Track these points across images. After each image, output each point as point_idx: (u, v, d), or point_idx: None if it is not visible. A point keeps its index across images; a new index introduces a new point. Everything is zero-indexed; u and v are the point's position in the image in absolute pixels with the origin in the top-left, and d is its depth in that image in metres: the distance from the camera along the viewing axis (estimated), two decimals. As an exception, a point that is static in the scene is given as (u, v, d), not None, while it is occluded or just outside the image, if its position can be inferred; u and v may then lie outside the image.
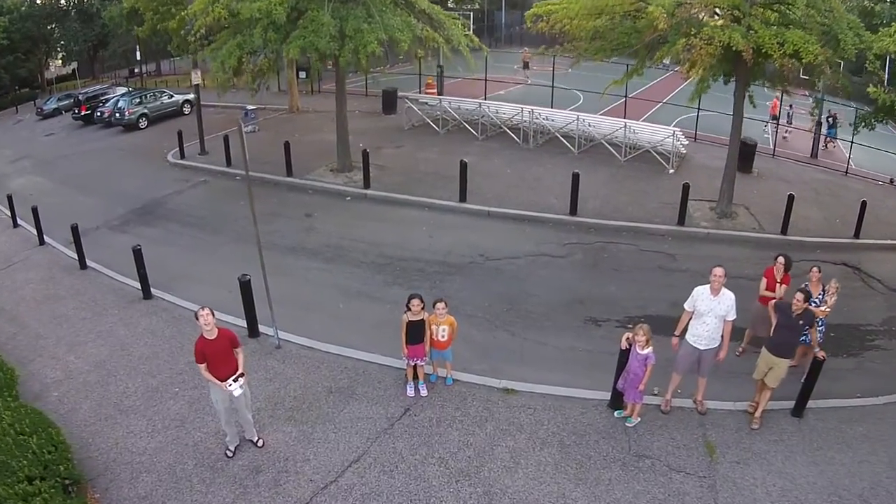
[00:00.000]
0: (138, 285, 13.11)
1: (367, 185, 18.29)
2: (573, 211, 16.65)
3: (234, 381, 8.02)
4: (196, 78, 22.00)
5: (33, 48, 44.47)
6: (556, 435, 8.85)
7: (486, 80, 27.65)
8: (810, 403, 9.16)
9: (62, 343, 11.56)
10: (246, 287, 10.95)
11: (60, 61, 50.59)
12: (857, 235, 16.26)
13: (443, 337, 9.45)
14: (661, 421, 9.09)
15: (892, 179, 21.73)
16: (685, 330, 8.89)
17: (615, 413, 9.24)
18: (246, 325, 11.27)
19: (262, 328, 11.31)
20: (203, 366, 7.93)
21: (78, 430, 9.05)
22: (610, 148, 21.24)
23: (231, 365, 8.08)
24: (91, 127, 31.01)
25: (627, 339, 8.80)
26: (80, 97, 32.76)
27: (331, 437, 8.76)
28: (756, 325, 10.40)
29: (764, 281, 10.33)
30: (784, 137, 25.93)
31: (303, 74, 28.99)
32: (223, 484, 7.99)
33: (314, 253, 14.90)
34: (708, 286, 8.51)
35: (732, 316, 8.47)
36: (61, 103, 35.98)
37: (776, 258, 10.31)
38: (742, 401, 9.37)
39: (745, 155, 19.34)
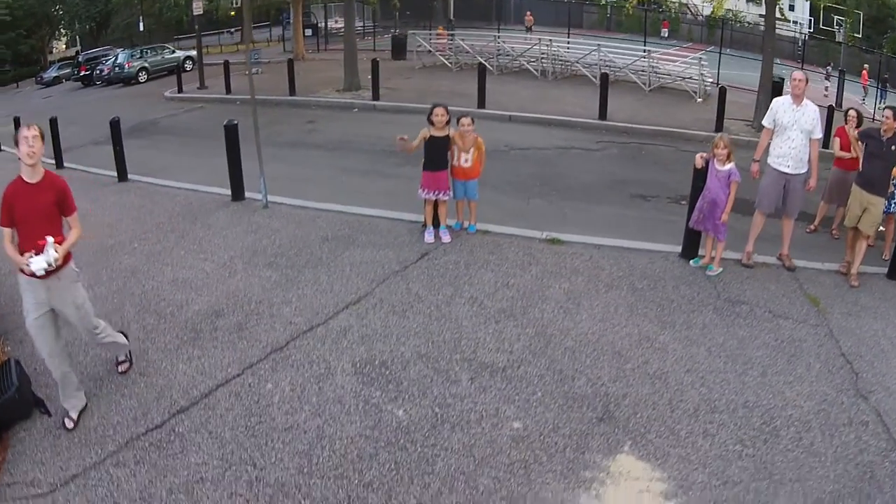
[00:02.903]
0: (114, 173, 10.85)
1: (376, 97, 15.96)
2: (602, 116, 14.35)
3: (42, 254, 4.17)
4: (198, 8, 19.92)
5: (36, 27, 42.33)
6: (623, 279, 6.46)
7: (498, 31, 25.41)
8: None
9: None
10: (232, 134, 8.61)
11: (64, 45, 48.43)
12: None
13: (467, 162, 7.12)
14: (746, 273, 6.84)
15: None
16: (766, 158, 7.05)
17: (691, 262, 6.96)
18: (230, 188, 8.91)
19: (248, 194, 8.93)
20: (8, 233, 4.27)
21: (14, 290, 6.72)
22: (634, 77, 18.95)
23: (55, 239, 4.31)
24: (91, 88, 28.76)
25: (703, 156, 6.79)
26: (80, 59, 30.69)
27: (322, 279, 6.37)
28: (832, 194, 8.55)
29: (837, 140, 8.54)
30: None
31: (309, 32, 26.90)
32: (167, 330, 5.64)
33: (317, 146, 12.65)
34: (787, 96, 6.91)
35: (819, 133, 6.88)
36: (62, 72, 33.73)
37: (846, 112, 8.77)
38: (831, 262, 7.24)
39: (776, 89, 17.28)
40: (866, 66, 24.17)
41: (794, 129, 6.71)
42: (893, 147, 6.71)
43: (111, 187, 10.49)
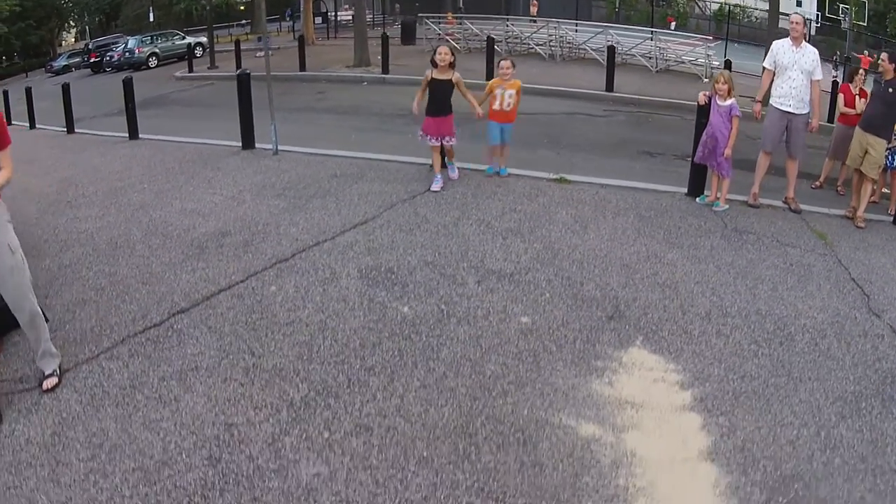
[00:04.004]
0: (126, 133, 10.69)
1: (385, 71, 15.74)
2: (609, 88, 14.06)
3: None
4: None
5: (45, 18, 42.15)
6: (629, 210, 6.26)
7: (506, 18, 25.09)
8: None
9: (30, 174, 9.08)
10: (244, 84, 8.42)
11: (73, 38, 48.28)
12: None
13: (509, 105, 6.85)
14: (752, 212, 6.63)
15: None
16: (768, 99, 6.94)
17: (697, 199, 6.77)
18: (240, 137, 8.71)
19: (259, 145, 8.74)
20: None
21: (22, 223, 6.57)
22: (642, 59, 18.62)
23: None
24: (101, 75, 28.30)
25: (705, 94, 6.75)
26: (90, 46, 30.47)
27: (330, 206, 6.18)
28: (837, 149, 8.34)
29: (841, 97, 8.47)
30: None
31: (319, 20, 26.71)
32: (172, 248, 5.47)
33: (326, 110, 12.51)
34: (786, 39, 6.85)
35: (819, 75, 6.80)
36: (72, 60, 33.48)
37: (854, 71, 8.84)
38: (837, 209, 7.05)
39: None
40: (866, 51, 23.83)
41: (794, 70, 6.64)
42: (891, 90, 6.63)
43: (122, 144, 10.36)
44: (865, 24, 27.59)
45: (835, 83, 14.52)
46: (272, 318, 4.15)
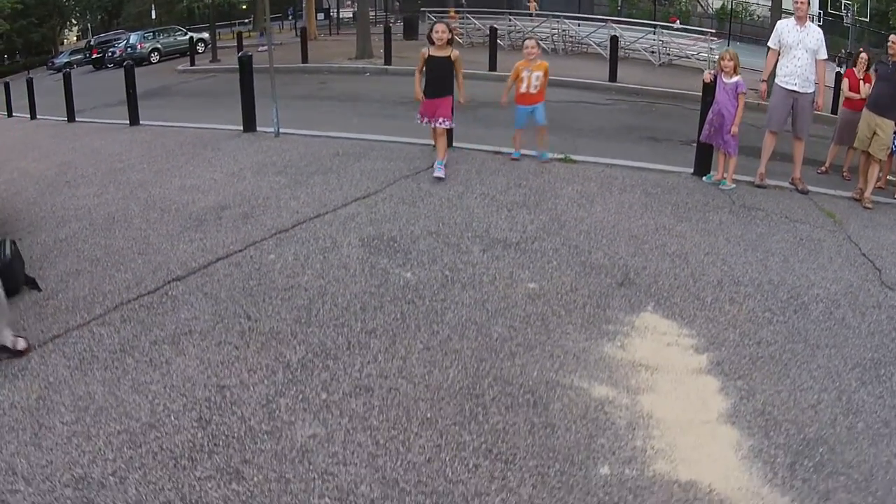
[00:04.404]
0: (126, 120, 10.47)
1: (388, 62, 15.51)
2: (612, 78, 13.81)
3: None
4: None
5: (47, 16, 41.76)
6: (636, 186, 6.05)
7: (508, 13, 24.86)
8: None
9: (30, 158, 8.89)
10: (246, 66, 8.21)
11: (75, 37, 47.87)
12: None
13: (536, 88, 6.55)
14: (759, 191, 6.40)
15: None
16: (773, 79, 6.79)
17: (704, 178, 6.55)
18: (242, 123, 8.48)
19: (260, 128, 8.51)
20: None
21: (21, 203, 6.44)
22: (644, 53, 18.38)
23: None
24: (102, 71, 27.68)
25: (710, 72, 6.63)
26: (92, 42, 30.03)
27: (332, 181, 5.97)
28: (843, 133, 8.12)
29: (846, 82, 8.31)
30: None
31: (321, 16, 26.47)
32: (171, 221, 5.27)
33: (329, 98, 12.29)
34: (790, 18, 6.75)
35: (824, 54, 6.65)
36: (73, 57, 32.99)
37: (858, 55, 8.52)
38: (844, 191, 6.85)
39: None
40: (861, 48, 23.57)
41: (798, 49, 6.50)
42: None
43: (123, 129, 10.14)
44: (868, 20, 27.30)
45: (838, 74, 14.27)
46: (270, 285, 3.94)
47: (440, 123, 6.00)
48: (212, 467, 2.51)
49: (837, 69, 23.37)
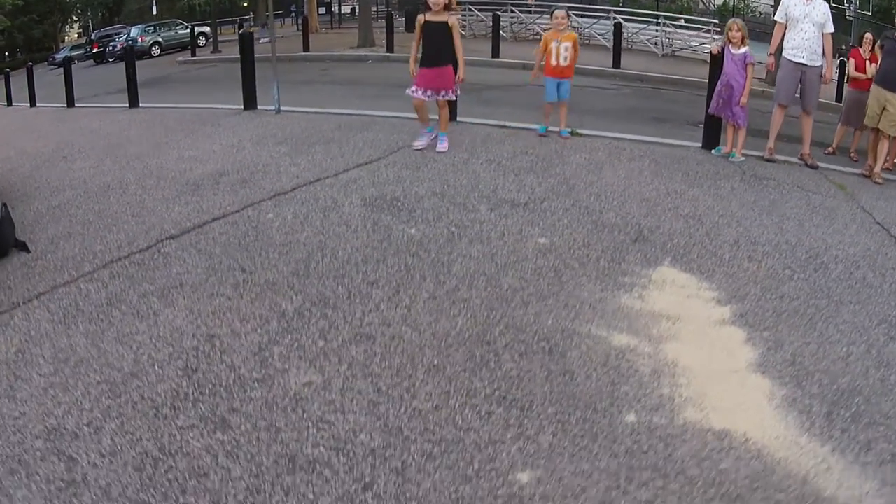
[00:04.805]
0: (126, 103, 10.19)
1: (390, 49, 15.21)
2: (616, 65, 13.53)
3: None
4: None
5: (48, 13, 41.29)
6: (644, 156, 5.79)
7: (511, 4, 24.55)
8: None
9: (28, 139, 8.62)
10: (247, 42, 7.94)
11: (76, 35, 47.35)
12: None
13: (565, 59, 6.19)
14: (769, 164, 6.12)
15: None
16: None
17: (713, 151, 6.27)
18: (242, 101, 8.20)
19: (261, 107, 8.23)
20: None
21: (16, 177, 6.18)
22: (647, 44, 18.12)
23: None
24: (103, 66, 27.05)
25: (718, 44, 6.42)
26: (93, 37, 29.52)
27: (334, 150, 5.70)
28: (850, 115, 7.87)
29: (852, 61, 8.12)
30: None
31: (322, 10, 26.16)
32: (167, 186, 4.99)
33: (330, 82, 12.01)
34: None
35: (831, 28, 6.48)
36: (74, 52, 32.62)
37: (863, 36, 8.39)
38: (853, 168, 6.61)
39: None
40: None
41: (805, 22, 6.30)
42: None
43: (122, 111, 9.86)
44: (870, 14, 27.03)
45: (842, 63, 13.97)
46: (267, 241, 3.68)
47: (444, 96, 5.57)
48: (195, 416, 2.25)
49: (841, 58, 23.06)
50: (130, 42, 25.42)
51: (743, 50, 6.00)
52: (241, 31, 8.54)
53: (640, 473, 1.97)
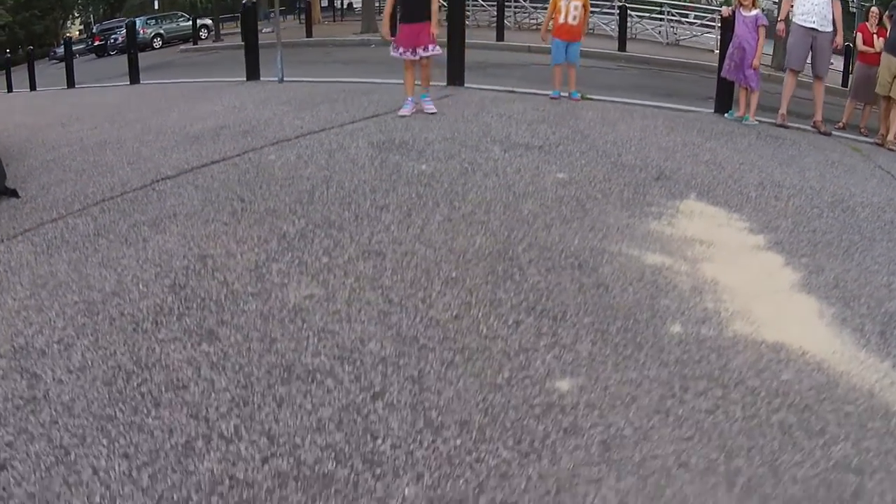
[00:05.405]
0: (126, 80, 9.88)
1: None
2: (622, 48, 13.24)
3: None
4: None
5: (50, 9, 40.77)
6: (657, 117, 5.46)
7: None
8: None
9: (26, 114, 8.31)
10: (249, 16, 7.64)
11: (77, 32, 46.79)
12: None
13: (574, 19, 5.84)
14: (783, 129, 5.77)
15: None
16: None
17: (725, 115, 5.97)
18: (245, 74, 7.89)
19: (264, 78, 7.93)
20: None
21: (12, 142, 5.84)
22: (652, 32, 17.80)
23: None
24: (105, 59, 26.25)
25: (728, 8, 6.23)
26: (94, 30, 28.88)
27: (339, 108, 5.38)
28: (858, 89, 7.61)
29: (859, 36, 7.78)
30: None
31: (325, 2, 25.81)
32: (165, 139, 4.66)
33: (333, 62, 11.64)
34: None
35: None
36: (76, 47, 32.11)
37: (868, 9, 8.06)
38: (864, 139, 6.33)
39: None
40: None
41: None
42: None
43: (123, 88, 9.59)
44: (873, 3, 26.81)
45: (847, 48, 13.67)
46: (269, 177, 3.37)
47: (426, 51, 4.99)
48: (179, 329, 1.96)
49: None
50: (132, 21, 24.96)
51: (754, 12, 5.75)
52: (244, 2, 8.17)
53: (696, 383, 1.69)
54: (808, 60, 6.37)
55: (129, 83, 9.81)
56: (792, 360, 1.86)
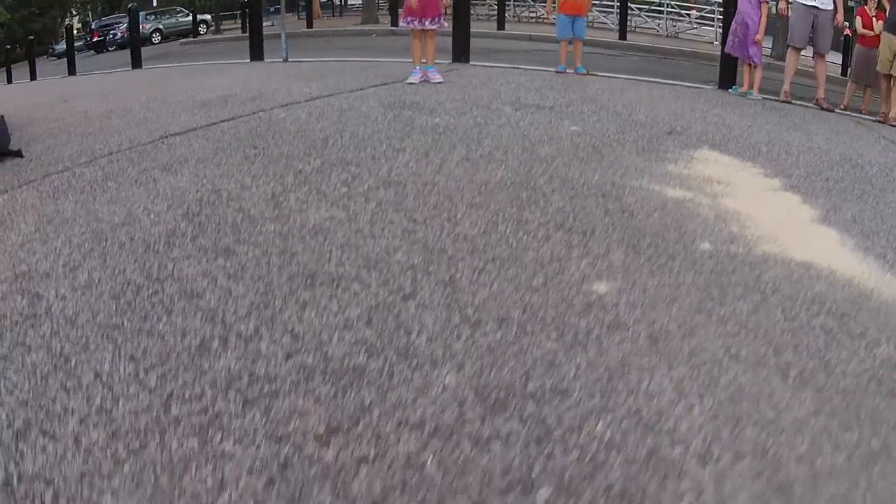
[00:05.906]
0: (128, 66, 9.78)
1: (394, 24, 14.82)
2: (623, 36, 13.26)
3: None
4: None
5: (48, 7, 40.45)
6: (665, 88, 5.45)
7: None
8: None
9: (27, 97, 8.21)
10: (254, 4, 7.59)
11: (76, 31, 46.40)
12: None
13: None
14: (787, 104, 5.74)
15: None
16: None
17: (730, 90, 5.92)
18: (248, 58, 7.81)
19: (268, 59, 7.85)
20: None
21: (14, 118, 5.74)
22: (653, 25, 17.79)
23: None
24: (103, 55, 25.66)
25: None
26: (93, 26, 28.48)
27: (347, 77, 5.31)
28: (859, 72, 7.57)
29: (859, 19, 7.73)
30: None
31: (324, -1, 25.60)
32: (172, 106, 4.54)
33: (334, 49, 11.50)
34: None
35: None
36: (75, 44, 31.71)
37: None
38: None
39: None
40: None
41: None
42: None
43: (125, 73, 9.42)
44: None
45: (847, 38, 13.67)
46: (278, 130, 3.30)
47: (432, 23, 5.04)
48: (193, 248, 1.89)
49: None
50: (135, 6, 24.67)
51: None
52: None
53: (733, 289, 1.65)
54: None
55: (130, 68, 9.73)
56: (823, 276, 1.82)
